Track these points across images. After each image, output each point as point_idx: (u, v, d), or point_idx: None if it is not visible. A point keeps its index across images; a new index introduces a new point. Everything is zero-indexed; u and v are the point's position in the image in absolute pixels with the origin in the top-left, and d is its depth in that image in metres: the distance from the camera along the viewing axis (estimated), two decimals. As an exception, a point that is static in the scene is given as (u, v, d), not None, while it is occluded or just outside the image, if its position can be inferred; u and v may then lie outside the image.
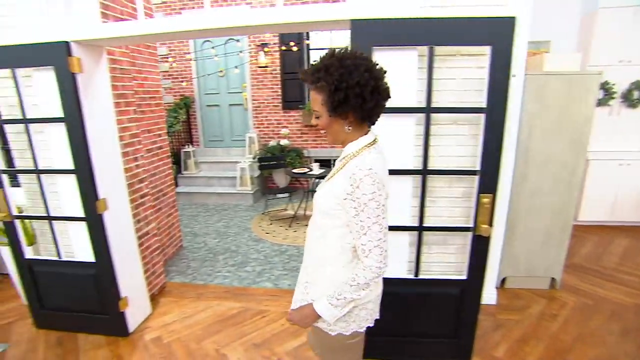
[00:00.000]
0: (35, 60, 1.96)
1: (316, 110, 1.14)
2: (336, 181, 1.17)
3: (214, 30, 1.84)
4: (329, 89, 1.07)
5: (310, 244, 1.32)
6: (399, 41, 1.74)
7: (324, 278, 1.25)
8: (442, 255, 2.11)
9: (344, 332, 1.27)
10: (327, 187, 1.21)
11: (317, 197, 1.25)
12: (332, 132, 1.18)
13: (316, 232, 1.27)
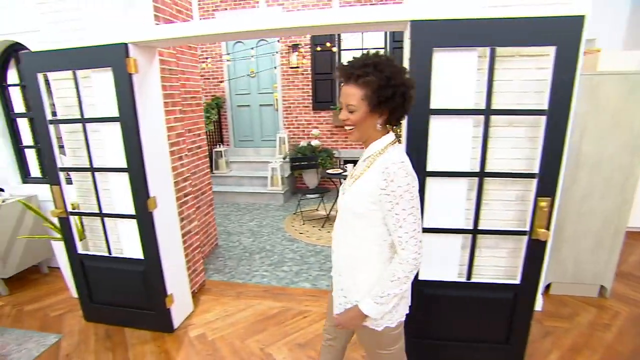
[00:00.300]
0: (95, 62, 2.02)
1: (353, 104, 1.16)
2: (366, 180, 1.20)
3: (272, 31, 1.85)
4: (378, 84, 1.11)
5: (341, 249, 1.32)
6: (459, 42, 1.70)
7: (363, 279, 1.27)
8: (493, 259, 2.06)
9: (390, 325, 1.30)
10: (356, 189, 1.23)
11: (346, 201, 1.26)
12: (362, 128, 1.20)
13: (348, 236, 1.28)
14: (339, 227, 1.33)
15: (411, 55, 1.74)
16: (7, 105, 3.19)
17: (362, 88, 1.13)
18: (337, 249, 1.35)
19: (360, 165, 1.28)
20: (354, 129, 1.21)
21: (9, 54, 3.07)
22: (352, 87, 1.15)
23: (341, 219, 1.31)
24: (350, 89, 1.15)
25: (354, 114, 1.17)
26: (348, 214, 1.26)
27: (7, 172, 3.24)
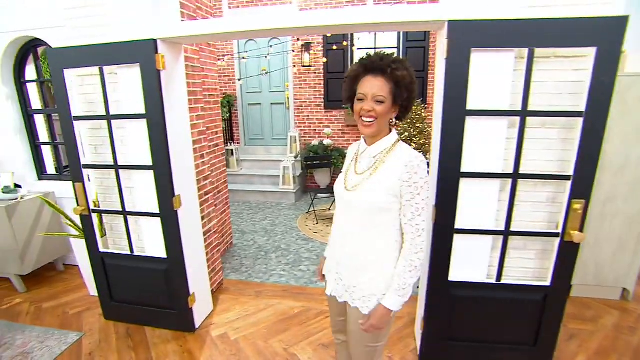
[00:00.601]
0: (123, 58, 2.00)
1: (382, 95, 1.18)
2: (384, 174, 1.23)
3: (306, 29, 1.83)
4: (410, 79, 1.19)
5: (353, 247, 1.31)
6: (498, 43, 1.68)
7: (382, 274, 1.28)
8: (521, 260, 2.04)
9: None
10: (372, 184, 1.24)
11: (362, 197, 1.24)
12: (382, 122, 1.23)
13: (363, 233, 1.28)
14: (347, 225, 1.32)
15: (448, 56, 1.72)
16: (25, 102, 3.16)
17: (391, 81, 1.18)
18: (344, 247, 1.34)
19: (366, 160, 1.29)
20: (374, 122, 1.21)
21: (27, 50, 3.04)
22: (382, 80, 1.18)
23: (351, 215, 1.30)
24: (380, 81, 1.18)
25: (381, 106, 1.19)
26: (364, 210, 1.25)
27: (24, 169, 3.22)
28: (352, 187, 1.28)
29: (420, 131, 4.81)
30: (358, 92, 1.22)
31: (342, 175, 1.38)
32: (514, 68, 1.75)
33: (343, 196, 1.31)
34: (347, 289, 1.34)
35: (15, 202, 2.83)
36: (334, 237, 1.42)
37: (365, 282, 1.30)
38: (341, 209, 1.35)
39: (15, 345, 2.34)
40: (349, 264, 1.33)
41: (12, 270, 2.90)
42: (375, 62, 1.18)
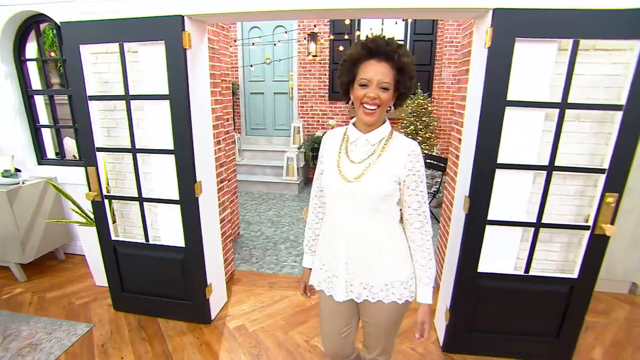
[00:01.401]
0: (147, 34, 1.89)
1: (387, 82, 1.12)
2: (387, 162, 1.19)
3: (339, 11, 1.76)
4: (413, 67, 1.16)
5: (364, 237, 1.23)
6: (543, 33, 1.64)
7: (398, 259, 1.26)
8: (546, 252, 2.04)
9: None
10: (377, 172, 1.19)
11: (367, 185, 1.18)
12: (383, 109, 1.18)
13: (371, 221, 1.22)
14: (351, 218, 1.22)
15: (491, 45, 1.68)
16: (25, 82, 2.99)
17: (396, 68, 1.13)
18: (354, 244, 1.24)
19: (364, 148, 1.22)
20: (376, 110, 1.15)
21: (28, 26, 2.86)
22: (387, 66, 1.12)
23: (356, 206, 1.21)
24: (385, 67, 1.12)
25: (386, 93, 1.13)
26: (372, 196, 1.18)
27: (23, 153, 3.05)
28: (355, 177, 1.20)
29: (426, 125, 4.79)
30: (361, 77, 1.13)
31: (331, 167, 1.26)
32: (555, 60, 1.73)
33: (343, 188, 1.21)
34: (365, 285, 1.27)
35: (17, 186, 2.68)
36: (333, 239, 1.28)
37: (384, 271, 1.25)
38: (342, 204, 1.23)
39: (22, 336, 2.22)
40: (362, 259, 1.25)
41: (13, 258, 2.75)
42: (382, 47, 1.11)
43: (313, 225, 1.43)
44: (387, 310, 1.28)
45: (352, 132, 1.26)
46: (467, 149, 2.01)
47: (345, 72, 1.20)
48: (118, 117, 2.23)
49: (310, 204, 1.45)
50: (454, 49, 5.02)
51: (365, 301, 1.29)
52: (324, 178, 1.29)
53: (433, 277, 1.26)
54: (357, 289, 1.27)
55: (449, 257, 2.22)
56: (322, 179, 1.30)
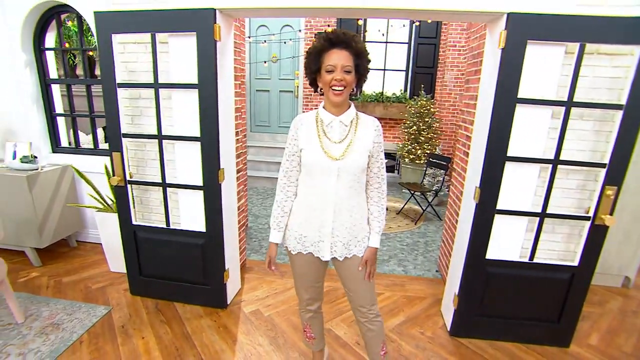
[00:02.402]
0: (179, 25, 1.97)
1: (349, 65, 1.32)
2: (361, 139, 1.42)
3: (366, 11, 1.87)
4: (367, 53, 1.37)
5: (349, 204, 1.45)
6: (553, 36, 1.78)
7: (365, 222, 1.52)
8: (549, 243, 2.17)
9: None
10: (357, 148, 1.41)
11: (353, 160, 1.40)
12: (348, 90, 1.37)
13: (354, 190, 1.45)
14: (339, 192, 1.42)
15: (504, 46, 1.80)
16: (43, 70, 3.04)
17: (354, 54, 1.33)
18: (339, 214, 1.45)
19: (339, 129, 1.42)
20: (343, 90, 1.34)
21: (49, 16, 2.93)
22: (347, 52, 1.32)
23: (342, 181, 1.41)
24: (345, 54, 1.32)
25: (349, 75, 1.33)
26: (354, 171, 1.41)
27: (39, 140, 3.10)
28: (340, 155, 1.39)
29: (429, 125, 4.93)
30: (327, 64, 1.32)
31: (314, 148, 1.41)
32: (562, 62, 1.86)
33: (330, 166, 1.39)
34: (346, 245, 1.49)
35: (36, 172, 2.73)
36: (319, 211, 1.45)
37: (358, 230, 1.50)
38: (329, 179, 1.41)
39: (43, 316, 2.28)
40: (347, 225, 1.47)
41: (30, 242, 2.80)
42: (340, 37, 1.32)
43: (282, 203, 1.55)
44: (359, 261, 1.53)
45: (324, 115, 1.44)
46: (478, 143, 2.14)
47: (312, 62, 1.38)
48: (142, 105, 2.31)
49: (278, 184, 1.56)
50: (456, 53, 5.19)
51: (343, 260, 1.52)
52: (308, 157, 1.43)
53: (382, 227, 1.55)
54: (339, 249, 1.50)
55: (457, 245, 2.33)
56: (307, 158, 1.43)
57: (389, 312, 2.48)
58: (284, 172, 1.53)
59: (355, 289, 1.58)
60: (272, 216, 1.58)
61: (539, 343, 2.23)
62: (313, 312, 1.73)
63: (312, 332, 1.80)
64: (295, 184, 1.53)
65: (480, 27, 2.42)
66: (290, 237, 1.55)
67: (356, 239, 1.50)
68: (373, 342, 1.67)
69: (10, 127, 3.09)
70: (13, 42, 2.87)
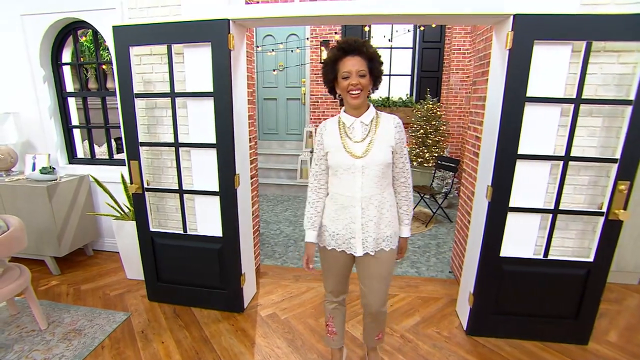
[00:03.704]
0: (195, 36, 2.04)
1: (363, 69, 1.42)
2: (383, 137, 1.50)
3: (375, 17, 1.92)
4: (379, 56, 1.47)
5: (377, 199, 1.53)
6: (559, 36, 1.81)
7: (392, 217, 1.61)
8: (562, 240, 2.18)
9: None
10: (379, 145, 1.49)
11: (377, 157, 1.48)
12: (366, 92, 1.47)
13: (380, 185, 1.53)
14: (367, 185, 1.51)
15: (512, 47, 1.84)
16: (60, 84, 3.14)
17: (367, 58, 1.43)
18: (367, 210, 1.53)
19: (360, 129, 1.51)
20: (360, 93, 1.44)
21: (67, 32, 3.03)
22: (360, 58, 1.42)
23: (367, 178, 1.50)
24: (359, 59, 1.42)
25: (364, 78, 1.43)
26: (379, 167, 1.49)
27: (56, 152, 3.19)
28: (362, 153, 1.48)
29: (436, 128, 4.96)
30: (342, 71, 1.43)
31: (338, 150, 1.52)
32: (570, 60, 1.90)
33: (355, 163, 1.49)
34: (376, 239, 1.57)
35: (55, 182, 2.81)
36: (348, 209, 1.55)
37: (387, 226, 1.58)
38: (354, 177, 1.50)
39: (65, 323, 2.33)
40: (375, 220, 1.55)
41: (49, 252, 2.87)
42: (352, 45, 1.42)
43: (315, 203, 1.65)
44: (386, 257, 1.61)
45: (346, 118, 1.54)
46: (489, 143, 2.17)
47: (329, 72, 1.49)
48: (158, 114, 2.38)
49: (309, 186, 1.68)
50: (461, 56, 5.24)
51: (370, 254, 1.59)
52: (334, 159, 1.53)
53: (411, 218, 1.67)
54: (371, 244, 1.57)
55: (471, 244, 2.35)
56: (332, 160, 1.54)
57: (404, 313, 2.49)
58: (314, 176, 1.64)
59: (372, 286, 1.66)
60: (305, 217, 1.68)
61: (557, 341, 2.22)
62: (338, 303, 1.82)
63: (335, 326, 1.85)
64: (325, 185, 1.64)
65: (485, 30, 2.46)
66: (325, 234, 1.65)
67: (385, 234, 1.58)
68: (372, 330, 1.83)
69: (29, 139, 3.19)
70: (32, 59, 2.98)
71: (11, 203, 2.81)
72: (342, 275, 1.73)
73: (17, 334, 2.22)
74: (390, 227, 1.59)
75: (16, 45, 2.96)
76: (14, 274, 2.15)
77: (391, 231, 1.60)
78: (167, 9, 2.20)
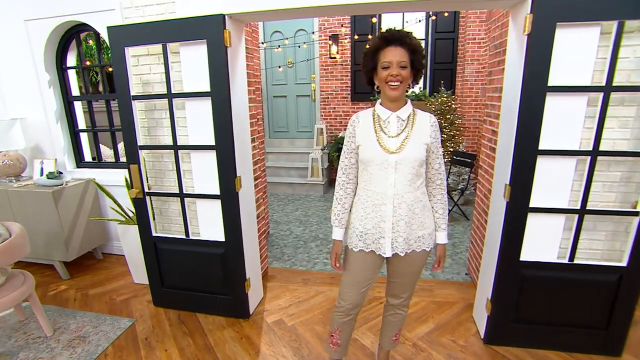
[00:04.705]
0: (190, 34, 1.96)
1: (405, 61, 1.35)
2: (418, 134, 1.43)
3: (375, 5, 1.78)
4: (421, 47, 1.40)
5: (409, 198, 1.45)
6: (585, 16, 1.62)
7: (425, 218, 1.51)
8: (590, 242, 1.99)
9: None
10: (414, 142, 1.42)
11: (410, 153, 1.41)
12: (405, 85, 1.39)
13: (413, 184, 1.45)
14: (400, 182, 1.43)
15: (530, 32, 1.67)
16: (66, 88, 3.13)
17: (409, 50, 1.36)
18: (398, 209, 1.45)
19: (396, 124, 1.44)
20: (400, 85, 1.37)
21: (70, 36, 3.01)
22: (402, 49, 1.35)
23: (400, 174, 1.43)
24: (400, 50, 1.35)
25: (405, 70, 1.35)
26: (413, 164, 1.42)
27: (63, 157, 3.19)
28: (396, 148, 1.41)
29: (451, 122, 4.76)
30: (383, 61, 1.36)
31: (371, 143, 1.44)
32: (598, 43, 1.71)
33: (389, 159, 1.41)
34: (407, 240, 1.49)
35: (61, 187, 2.80)
36: (379, 206, 1.47)
37: (419, 226, 1.50)
38: (386, 173, 1.43)
39: (70, 329, 2.31)
40: (406, 220, 1.46)
41: (58, 256, 2.87)
42: (395, 35, 1.36)
43: (342, 199, 1.58)
44: (418, 258, 1.55)
45: (381, 111, 1.46)
46: (506, 137, 2.00)
47: (368, 61, 1.42)
48: (158, 116, 2.31)
49: (337, 181, 1.60)
50: (476, 46, 4.99)
51: (404, 255, 1.52)
52: (366, 153, 1.45)
53: (447, 223, 1.58)
54: (400, 245, 1.49)
55: (488, 247, 2.19)
56: (364, 153, 1.46)
57: (417, 319, 2.35)
58: (342, 170, 1.57)
59: (402, 281, 1.64)
60: (332, 214, 1.61)
61: (584, 352, 2.05)
62: (349, 318, 1.70)
63: (339, 339, 1.75)
64: (354, 181, 1.57)
65: (501, 15, 2.28)
66: (352, 234, 1.56)
67: (416, 235, 1.50)
68: (392, 326, 1.79)
69: (38, 144, 3.20)
70: (37, 63, 2.97)
71: (19, 208, 2.82)
72: (365, 283, 1.61)
73: (24, 341, 2.21)
74: (422, 228, 1.51)
75: (21, 50, 2.95)
76: (17, 282, 2.13)
77: (423, 232, 1.52)
78: (163, 7, 2.12)
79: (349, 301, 1.64)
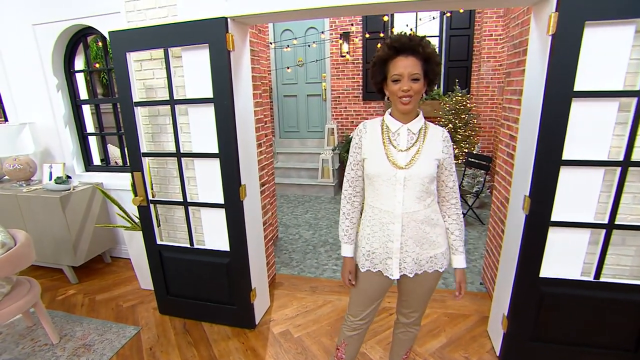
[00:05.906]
0: (191, 38, 1.89)
1: (417, 73, 1.22)
2: (429, 149, 1.32)
3: (385, 6, 1.67)
4: (436, 55, 1.26)
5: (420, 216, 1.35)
6: (618, 13, 1.48)
7: (437, 237, 1.40)
8: (618, 257, 1.85)
9: None
10: (425, 157, 1.31)
11: (420, 169, 1.30)
12: (417, 98, 1.27)
13: (423, 201, 1.34)
14: (409, 200, 1.33)
15: (555, 32, 1.54)
16: (74, 92, 3.12)
17: (422, 59, 1.23)
18: (409, 220, 1.35)
19: (406, 137, 1.33)
20: (411, 100, 1.25)
21: (77, 40, 2.99)
22: (414, 59, 1.22)
23: (409, 191, 1.32)
24: (412, 61, 1.22)
25: (417, 83, 1.23)
26: (422, 180, 1.31)
27: (72, 160, 3.18)
28: (405, 163, 1.31)
29: (466, 122, 4.59)
30: (393, 73, 1.24)
31: (379, 157, 1.34)
32: (632, 43, 1.56)
33: (397, 174, 1.31)
34: (416, 261, 1.40)
35: (69, 192, 2.79)
36: (386, 225, 1.37)
37: (430, 246, 1.40)
38: (394, 190, 1.33)
39: (76, 337, 2.29)
40: (416, 239, 1.37)
41: (66, 261, 2.87)
42: (406, 43, 1.21)
43: (350, 214, 1.49)
44: (429, 279, 1.45)
45: (391, 123, 1.36)
46: (525, 144, 1.87)
47: (377, 73, 1.31)
48: (162, 122, 2.26)
49: (344, 194, 1.50)
50: (493, 42, 4.79)
51: (414, 276, 1.42)
52: (372, 167, 1.36)
53: (463, 245, 1.46)
54: (409, 266, 1.40)
55: (504, 261, 2.07)
56: (370, 168, 1.36)
57: (428, 332, 2.25)
58: (349, 182, 1.48)
59: (412, 301, 1.55)
60: (340, 229, 1.53)
61: (611, 375, 1.91)
62: (359, 332, 1.61)
63: (345, 354, 1.66)
64: (361, 193, 1.48)
65: (521, 12, 2.14)
66: (359, 253, 1.48)
67: (428, 255, 1.41)
68: (403, 344, 1.69)
69: (47, 148, 3.21)
70: (46, 68, 2.96)
71: (28, 213, 2.83)
72: (373, 302, 1.53)
73: (30, 348, 2.21)
74: (434, 247, 1.40)
75: (30, 55, 2.95)
76: (23, 290, 2.12)
77: (435, 252, 1.41)
78: (165, 10, 2.05)
79: (358, 317, 1.57)
